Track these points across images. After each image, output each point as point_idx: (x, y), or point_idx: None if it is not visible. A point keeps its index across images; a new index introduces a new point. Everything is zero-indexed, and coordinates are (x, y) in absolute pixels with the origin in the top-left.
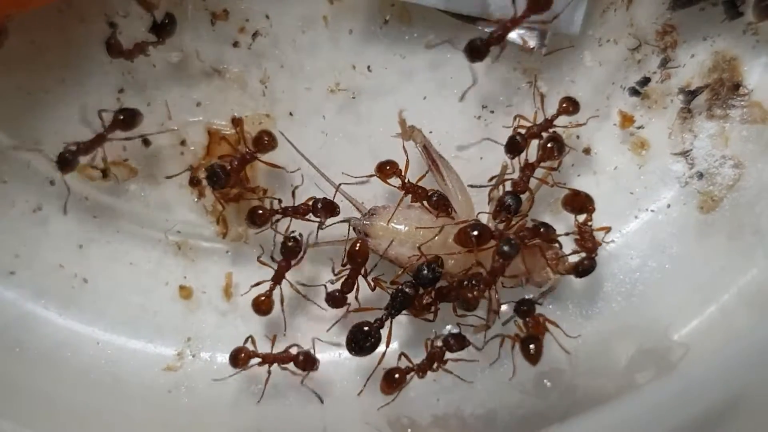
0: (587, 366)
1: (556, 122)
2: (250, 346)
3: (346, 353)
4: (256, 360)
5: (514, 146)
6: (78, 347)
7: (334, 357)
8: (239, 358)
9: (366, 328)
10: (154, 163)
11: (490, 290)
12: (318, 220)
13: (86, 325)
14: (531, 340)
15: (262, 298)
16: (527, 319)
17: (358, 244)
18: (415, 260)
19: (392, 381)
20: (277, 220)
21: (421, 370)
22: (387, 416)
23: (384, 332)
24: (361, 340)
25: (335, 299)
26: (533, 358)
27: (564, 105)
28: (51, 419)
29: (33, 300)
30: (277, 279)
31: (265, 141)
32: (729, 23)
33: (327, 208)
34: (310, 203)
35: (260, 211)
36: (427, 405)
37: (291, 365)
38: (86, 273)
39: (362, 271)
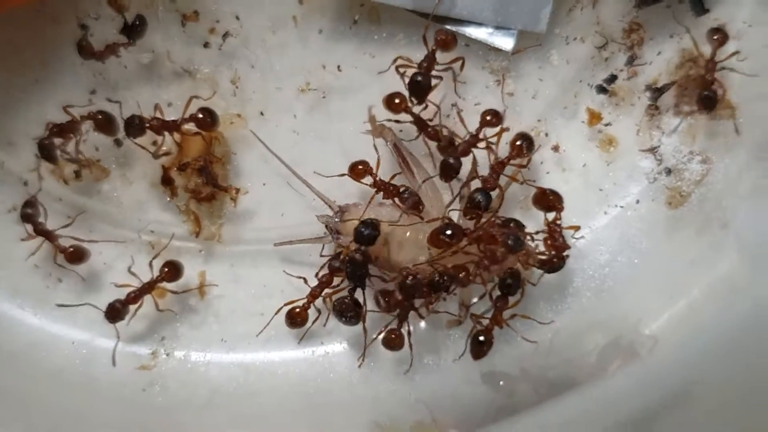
0: (558, 359)
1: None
2: None
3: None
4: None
5: (448, 169)
6: (53, 347)
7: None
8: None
9: (345, 300)
10: (127, 163)
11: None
12: None
13: (61, 325)
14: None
15: (297, 310)
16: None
17: None
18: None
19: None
20: None
21: (495, 321)
22: (363, 418)
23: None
24: (343, 312)
25: (113, 310)
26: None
27: (487, 118)
28: (25, 419)
29: (8, 300)
30: (317, 294)
31: (200, 116)
32: (696, 20)
33: None
34: None
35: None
36: (400, 401)
37: None
38: (61, 273)
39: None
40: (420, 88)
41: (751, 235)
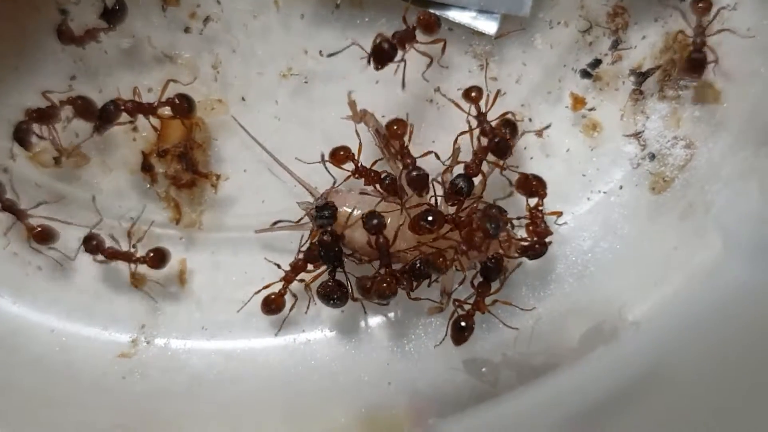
0: (540, 346)
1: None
2: None
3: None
4: None
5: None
6: (32, 335)
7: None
8: None
9: (328, 283)
10: (106, 149)
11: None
12: None
13: (40, 313)
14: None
15: (272, 296)
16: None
17: None
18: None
19: (462, 330)
20: None
21: (477, 307)
22: (344, 406)
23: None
24: (328, 295)
25: (90, 242)
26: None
27: (472, 95)
28: (3, 406)
29: None
30: (291, 279)
31: (176, 102)
32: (680, 3)
33: None
34: None
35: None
36: (381, 389)
37: None
38: (40, 260)
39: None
40: (383, 54)
41: (734, 220)
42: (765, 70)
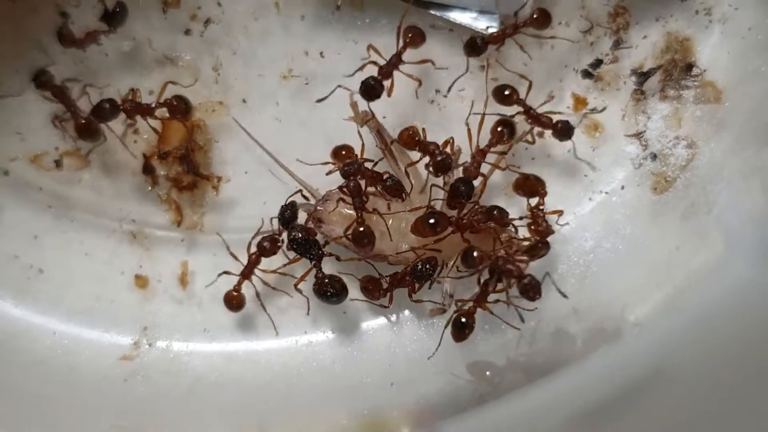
0: (542, 346)
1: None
2: None
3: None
4: None
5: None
6: (34, 337)
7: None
8: None
9: (317, 279)
10: (107, 152)
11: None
12: None
13: (42, 315)
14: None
15: (234, 293)
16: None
17: None
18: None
19: (463, 327)
20: None
21: (478, 302)
22: (346, 408)
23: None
24: (323, 292)
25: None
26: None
27: (506, 93)
28: (5, 409)
29: None
30: (247, 273)
31: (174, 104)
32: (681, 3)
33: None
34: None
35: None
36: (383, 391)
37: None
38: (42, 263)
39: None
40: (371, 92)
41: (736, 220)
42: (766, 68)
